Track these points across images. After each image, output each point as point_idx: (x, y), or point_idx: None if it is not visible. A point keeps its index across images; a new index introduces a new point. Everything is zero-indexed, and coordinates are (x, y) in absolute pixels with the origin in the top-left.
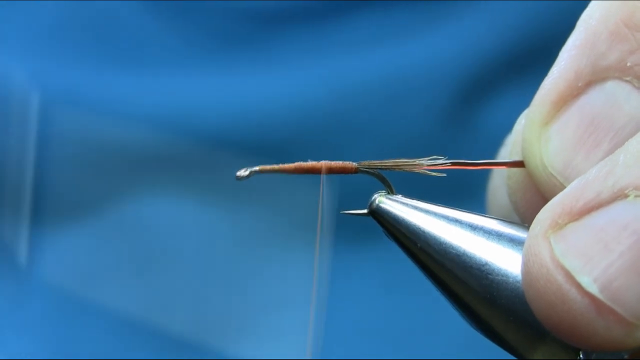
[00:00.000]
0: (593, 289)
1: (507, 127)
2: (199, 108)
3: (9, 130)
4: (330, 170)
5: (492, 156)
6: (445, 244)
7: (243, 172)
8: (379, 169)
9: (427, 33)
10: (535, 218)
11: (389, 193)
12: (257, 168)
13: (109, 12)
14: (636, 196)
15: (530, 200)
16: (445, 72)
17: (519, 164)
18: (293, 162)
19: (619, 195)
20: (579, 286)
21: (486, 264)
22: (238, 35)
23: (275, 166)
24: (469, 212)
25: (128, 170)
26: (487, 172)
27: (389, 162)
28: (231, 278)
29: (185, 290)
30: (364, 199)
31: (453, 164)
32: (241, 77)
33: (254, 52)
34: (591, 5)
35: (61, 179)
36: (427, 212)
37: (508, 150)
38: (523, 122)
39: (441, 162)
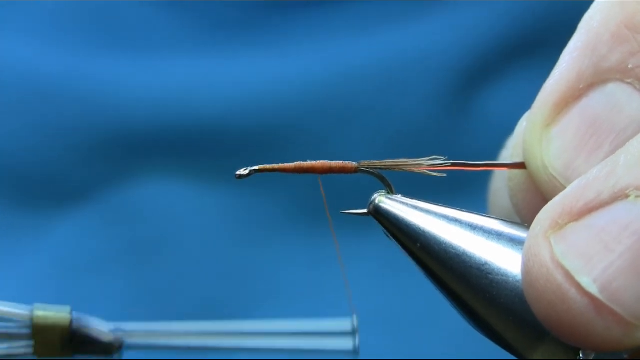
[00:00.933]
0: (593, 289)
1: (507, 114)
2: (198, 92)
3: (8, 115)
4: (330, 170)
5: (492, 143)
6: (445, 243)
7: (243, 172)
8: (379, 168)
9: (426, 20)
10: (536, 218)
11: (388, 193)
12: (256, 167)
13: None
14: (637, 196)
15: (531, 202)
16: (444, 59)
17: (520, 166)
18: (295, 146)
19: (620, 196)
20: (578, 286)
21: (486, 263)
22: (237, 19)
23: (275, 165)
24: (468, 212)
25: (127, 155)
26: (487, 171)
27: (389, 162)
28: (231, 263)
29: (185, 276)
30: (364, 198)
31: (453, 164)
32: (240, 60)
33: (254, 36)
34: (593, 7)
35: (60, 164)
36: (427, 211)
37: (509, 152)
38: (524, 125)
39: (441, 162)
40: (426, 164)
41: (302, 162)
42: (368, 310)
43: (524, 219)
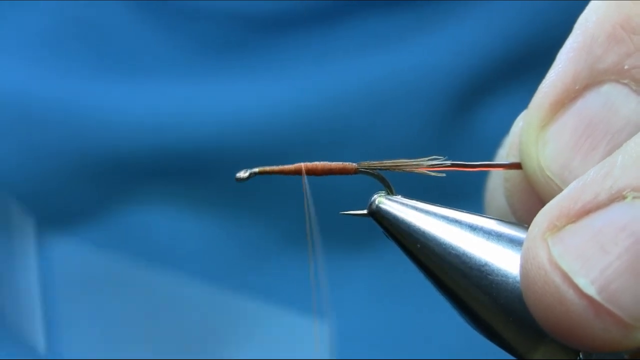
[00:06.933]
0: (591, 290)
1: (504, 131)
2: (193, 116)
3: (4, 139)
4: (330, 171)
5: (488, 159)
6: (445, 244)
7: (243, 174)
8: (379, 169)
9: (421, 38)
10: (534, 220)
11: (388, 193)
12: (256, 169)
13: (103, 21)
14: (634, 197)
15: (527, 203)
16: (441, 77)
17: (517, 166)
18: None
19: (617, 197)
20: (576, 288)
21: (486, 264)
22: (232, 42)
23: (275, 167)
24: (468, 213)
25: (121, 180)
26: (486, 173)
27: (389, 163)
28: (226, 287)
29: (180, 300)
30: (364, 199)
31: (452, 165)
32: (236, 84)
33: (249, 59)
34: (588, 8)
35: (57, 189)
36: (427, 212)
37: (505, 152)
38: (520, 124)
39: (440, 163)
40: (425, 164)
41: (301, 164)
42: (358, 333)
43: (520, 219)
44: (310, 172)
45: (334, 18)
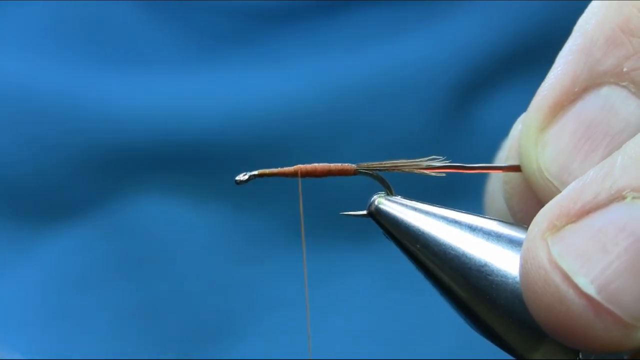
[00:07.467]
0: (590, 290)
1: (502, 126)
2: (193, 107)
3: (5, 131)
4: (330, 172)
5: (486, 155)
6: (445, 245)
7: (242, 177)
8: (378, 170)
9: (421, 32)
10: (533, 220)
11: (388, 194)
12: (256, 172)
13: (104, 13)
14: (634, 198)
15: (526, 205)
16: (440, 71)
17: (516, 169)
18: (289, 160)
19: (617, 197)
20: (576, 287)
21: (485, 264)
22: (232, 34)
23: (274, 170)
24: (468, 213)
25: (121, 171)
26: (485, 174)
27: (388, 164)
28: (227, 279)
29: (181, 292)
30: (363, 200)
31: (450, 166)
32: (235, 75)
33: (248, 51)
34: (588, 10)
35: (56, 180)
36: (426, 213)
37: (505, 155)
38: (520, 127)
39: (439, 164)
40: (424, 165)
41: (300, 165)
42: (362, 325)
43: (520, 221)
44: (309, 174)
45: (334, 11)
